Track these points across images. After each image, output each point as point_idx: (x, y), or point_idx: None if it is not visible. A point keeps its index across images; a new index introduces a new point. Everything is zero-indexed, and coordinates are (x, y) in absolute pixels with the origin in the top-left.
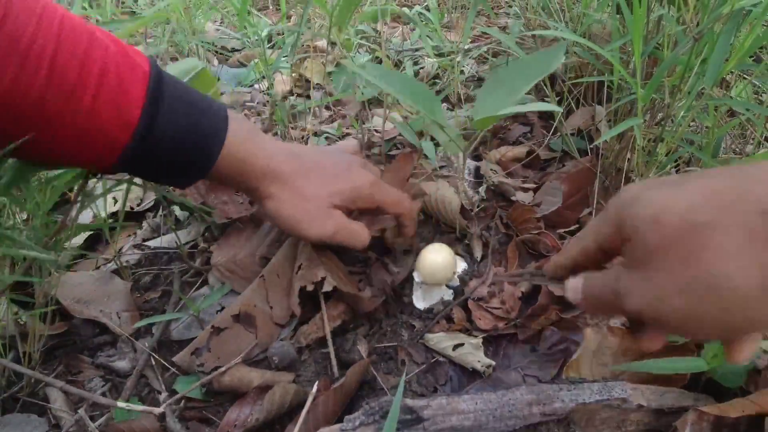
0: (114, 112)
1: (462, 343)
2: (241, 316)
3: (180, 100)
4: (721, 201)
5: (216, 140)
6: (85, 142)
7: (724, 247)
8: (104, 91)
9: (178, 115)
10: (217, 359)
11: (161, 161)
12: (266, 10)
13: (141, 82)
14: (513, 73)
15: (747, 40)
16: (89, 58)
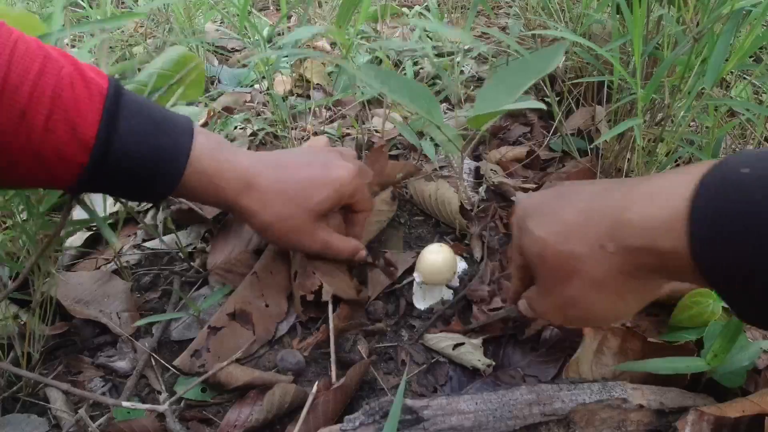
0: (69, 132)
1: (462, 343)
2: (237, 314)
3: (139, 116)
4: (577, 234)
5: (180, 156)
6: (41, 163)
7: (583, 275)
8: (57, 110)
9: (138, 133)
10: (217, 359)
11: (123, 179)
12: (266, 11)
13: (97, 100)
14: (513, 73)
15: (747, 40)
16: (41, 80)
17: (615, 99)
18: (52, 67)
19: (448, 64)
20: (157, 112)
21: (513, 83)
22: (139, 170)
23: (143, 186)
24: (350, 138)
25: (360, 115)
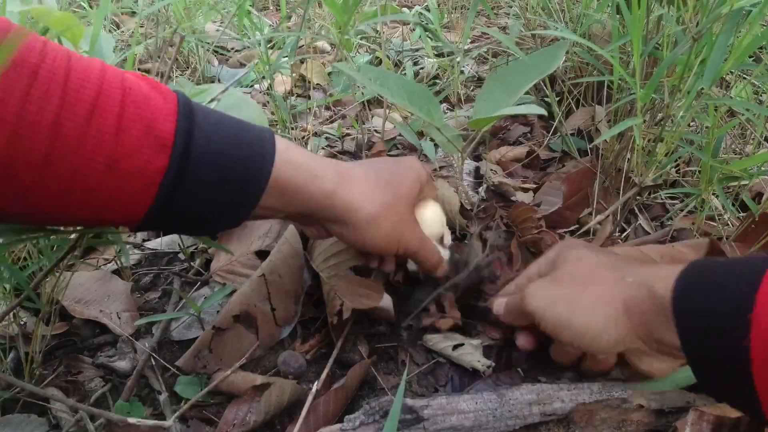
0: (143, 130)
1: (462, 344)
2: (242, 317)
3: (214, 113)
4: (609, 265)
5: (267, 146)
6: (113, 180)
7: (600, 284)
8: (128, 108)
9: (218, 127)
10: (219, 360)
11: (209, 187)
12: (266, 11)
13: (169, 98)
14: (513, 73)
15: (746, 39)
16: (105, 79)
17: (615, 99)
18: (112, 71)
19: (448, 65)
20: (226, 114)
21: (513, 84)
22: (226, 169)
23: (231, 193)
24: (350, 138)
25: (360, 116)
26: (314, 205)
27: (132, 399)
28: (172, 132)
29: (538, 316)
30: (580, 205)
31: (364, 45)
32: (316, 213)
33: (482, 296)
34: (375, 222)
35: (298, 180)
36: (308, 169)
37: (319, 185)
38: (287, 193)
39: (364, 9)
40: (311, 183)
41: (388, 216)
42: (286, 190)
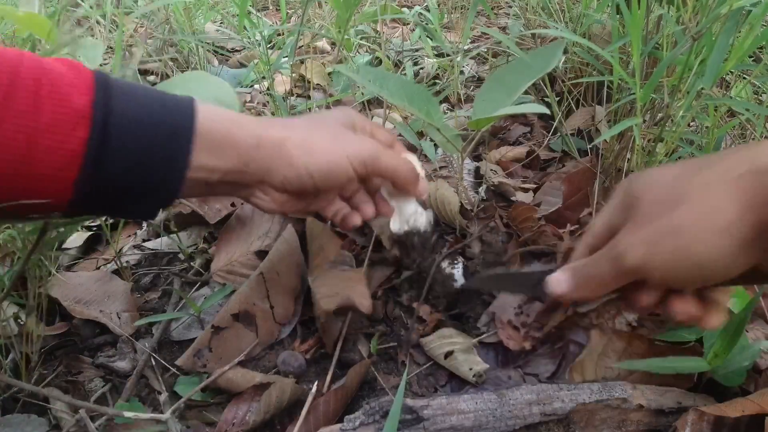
0: (60, 104)
1: (451, 351)
2: (241, 315)
3: (132, 85)
4: (707, 164)
5: (188, 109)
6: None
7: (698, 201)
8: (44, 88)
9: (136, 96)
10: (219, 359)
11: (132, 153)
12: (266, 11)
13: (85, 74)
14: (512, 73)
15: (746, 39)
16: (22, 65)
17: (615, 99)
18: (30, 56)
19: (448, 65)
20: (146, 86)
21: (512, 84)
22: (150, 132)
23: (160, 155)
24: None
25: None
26: (245, 155)
27: (132, 399)
28: (89, 104)
29: (646, 267)
30: (580, 205)
31: (364, 45)
32: (250, 167)
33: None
34: (307, 143)
35: (223, 129)
36: (232, 119)
37: (246, 132)
38: (216, 145)
39: (363, 9)
40: (238, 131)
41: (320, 133)
42: (213, 141)
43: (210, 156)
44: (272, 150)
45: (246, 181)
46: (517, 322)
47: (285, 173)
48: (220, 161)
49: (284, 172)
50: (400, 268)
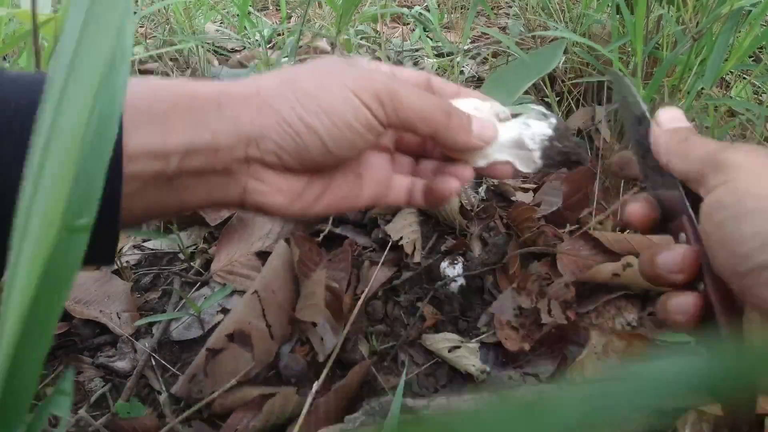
0: None
1: (458, 346)
2: (236, 336)
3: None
4: None
5: None
6: None
7: None
8: None
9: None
10: (214, 383)
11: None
12: (266, 11)
13: None
14: (512, 73)
15: (746, 39)
16: None
17: (615, 99)
18: None
19: (448, 65)
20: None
21: (512, 84)
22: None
23: None
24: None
25: None
26: (204, 122)
27: (132, 399)
28: None
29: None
30: (580, 205)
31: (364, 45)
32: (220, 139)
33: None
34: (292, 87)
35: (165, 92)
36: (173, 82)
37: (195, 90)
38: (160, 115)
39: (363, 9)
40: (185, 90)
41: (306, 72)
42: (153, 109)
43: (154, 132)
44: (243, 107)
45: (223, 163)
46: (516, 322)
47: (274, 137)
48: (170, 136)
49: (271, 135)
50: (401, 268)
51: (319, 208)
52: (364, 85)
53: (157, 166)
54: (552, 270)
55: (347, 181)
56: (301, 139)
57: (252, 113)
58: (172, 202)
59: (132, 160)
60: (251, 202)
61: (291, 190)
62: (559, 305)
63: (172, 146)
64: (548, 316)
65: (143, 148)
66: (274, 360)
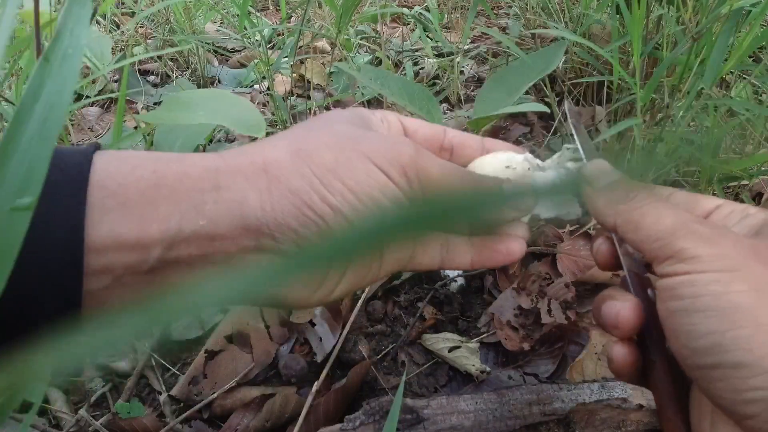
0: None
1: (458, 346)
2: (234, 337)
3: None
4: None
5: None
6: None
7: None
8: None
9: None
10: (214, 384)
11: None
12: (266, 11)
13: None
14: (512, 73)
15: (746, 39)
16: None
17: (615, 99)
18: None
19: (448, 65)
20: None
21: (513, 84)
22: None
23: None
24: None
25: None
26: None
27: (132, 399)
28: None
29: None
30: None
31: (364, 45)
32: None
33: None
34: (309, 157)
35: (143, 167)
36: (152, 156)
37: (186, 166)
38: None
39: (363, 9)
40: (169, 165)
41: (322, 138)
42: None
43: (128, 217)
44: (249, 188)
45: (223, 252)
46: (515, 322)
47: (293, 224)
48: (150, 223)
49: (290, 222)
50: None
51: (339, 291)
52: (389, 157)
53: (133, 258)
54: (552, 270)
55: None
56: (326, 223)
57: (262, 196)
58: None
59: (99, 252)
60: (265, 296)
61: (313, 279)
62: (559, 305)
63: (153, 235)
64: (548, 316)
65: (114, 238)
66: (274, 360)
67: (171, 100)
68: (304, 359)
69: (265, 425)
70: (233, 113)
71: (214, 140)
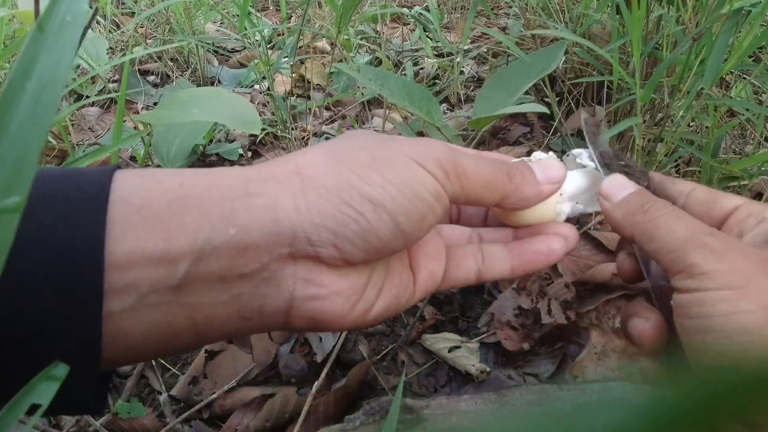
0: None
1: (458, 346)
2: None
3: None
4: None
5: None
6: None
7: None
8: None
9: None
10: (214, 384)
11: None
12: (266, 11)
13: None
14: (512, 73)
15: (746, 39)
16: None
17: (615, 99)
18: None
19: (448, 65)
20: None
21: (513, 84)
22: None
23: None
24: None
25: (360, 116)
26: (225, 220)
27: (132, 399)
28: None
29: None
30: None
31: (364, 45)
32: (251, 233)
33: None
34: (344, 158)
35: (169, 182)
36: (182, 170)
37: (215, 177)
38: (159, 207)
39: (363, 9)
40: (196, 177)
41: (354, 142)
42: (152, 200)
43: (153, 232)
44: (281, 191)
45: (256, 264)
46: (515, 322)
47: (330, 224)
48: (177, 236)
49: (327, 222)
50: None
51: (377, 311)
52: (425, 152)
53: (158, 274)
54: (552, 270)
55: (401, 271)
56: (367, 221)
57: (296, 198)
58: (182, 323)
59: (122, 269)
60: (301, 314)
61: (353, 289)
62: (559, 305)
63: (181, 248)
64: (548, 316)
65: (138, 253)
66: (274, 360)
67: (168, 99)
68: (304, 359)
69: (265, 425)
70: (228, 111)
71: (214, 140)
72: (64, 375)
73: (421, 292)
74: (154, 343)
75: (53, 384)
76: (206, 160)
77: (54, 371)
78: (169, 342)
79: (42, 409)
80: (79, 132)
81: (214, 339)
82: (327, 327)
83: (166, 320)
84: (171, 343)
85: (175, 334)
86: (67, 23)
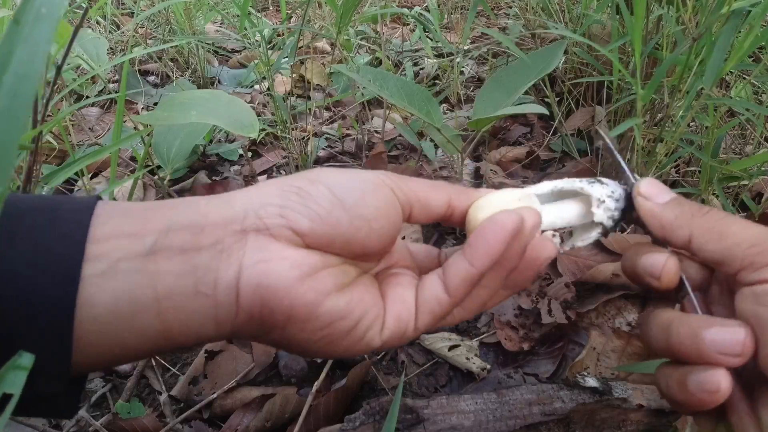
0: None
1: (458, 345)
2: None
3: None
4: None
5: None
6: None
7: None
8: None
9: None
10: (214, 384)
11: None
12: (266, 11)
13: None
14: (512, 74)
15: (746, 40)
16: None
17: (615, 99)
18: None
19: (448, 65)
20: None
21: (512, 84)
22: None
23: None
24: (350, 138)
25: (360, 116)
26: (190, 209)
27: (132, 399)
28: None
29: None
30: None
31: (364, 45)
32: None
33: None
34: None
35: (143, 204)
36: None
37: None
38: (136, 211)
39: (363, 9)
40: (157, 209)
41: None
42: (130, 209)
43: (130, 221)
44: (241, 190)
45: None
46: (516, 322)
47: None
48: (149, 222)
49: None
50: None
51: (386, 335)
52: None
53: (129, 244)
54: (552, 270)
55: (370, 288)
56: (307, 192)
57: (249, 192)
58: (146, 294)
59: (99, 242)
60: (248, 280)
61: (302, 260)
62: (559, 305)
63: (152, 229)
64: (548, 316)
65: (116, 232)
66: (274, 360)
67: (167, 101)
68: (304, 359)
69: (265, 425)
70: (227, 113)
71: (214, 140)
72: (31, 364)
73: (421, 326)
74: (117, 320)
75: (22, 372)
76: (206, 161)
77: (20, 361)
78: (132, 321)
79: (15, 398)
80: (79, 132)
81: (175, 327)
82: (274, 295)
83: (130, 288)
84: (134, 325)
85: (138, 310)
86: (43, 15)
